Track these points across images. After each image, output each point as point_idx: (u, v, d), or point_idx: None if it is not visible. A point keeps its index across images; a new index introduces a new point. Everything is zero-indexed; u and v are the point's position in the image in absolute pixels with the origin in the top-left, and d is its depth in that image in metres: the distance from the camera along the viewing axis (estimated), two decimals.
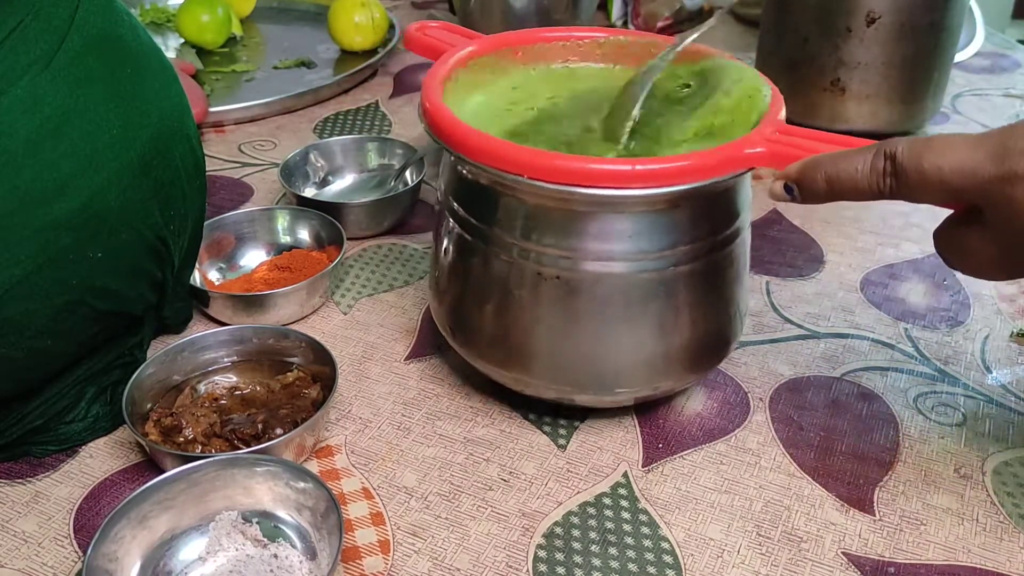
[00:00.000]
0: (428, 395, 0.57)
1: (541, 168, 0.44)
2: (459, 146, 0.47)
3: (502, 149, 0.45)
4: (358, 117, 0.93)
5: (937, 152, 0.40)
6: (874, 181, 0.42)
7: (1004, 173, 0.38)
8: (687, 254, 0.47)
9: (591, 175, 0.44)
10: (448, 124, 0.47)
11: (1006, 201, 0.39)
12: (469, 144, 0.46)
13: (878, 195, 0.42)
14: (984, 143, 0.39)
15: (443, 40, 0.58)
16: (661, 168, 0.44)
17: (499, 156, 0.45)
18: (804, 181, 0.44)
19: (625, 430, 0.54)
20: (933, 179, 0.40)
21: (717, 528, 0.48)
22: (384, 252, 0.71)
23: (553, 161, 0.44)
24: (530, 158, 0.44)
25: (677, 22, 1.14)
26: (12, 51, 0.45)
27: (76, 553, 0.47)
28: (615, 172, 0.44)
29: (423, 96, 0.50)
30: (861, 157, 0.42)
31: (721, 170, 0.45)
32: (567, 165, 0.44)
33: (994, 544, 0.47)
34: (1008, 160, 0.38)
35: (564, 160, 0.44)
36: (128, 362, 0.55)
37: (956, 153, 0.40)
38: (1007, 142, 0.39)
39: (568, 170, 0.44)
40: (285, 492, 0.47)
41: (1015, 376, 0.57)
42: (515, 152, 0.45)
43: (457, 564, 0.46)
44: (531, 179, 0.44)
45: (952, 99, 0.93)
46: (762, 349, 0.60)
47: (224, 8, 1.06)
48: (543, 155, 0.44)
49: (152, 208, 0.52)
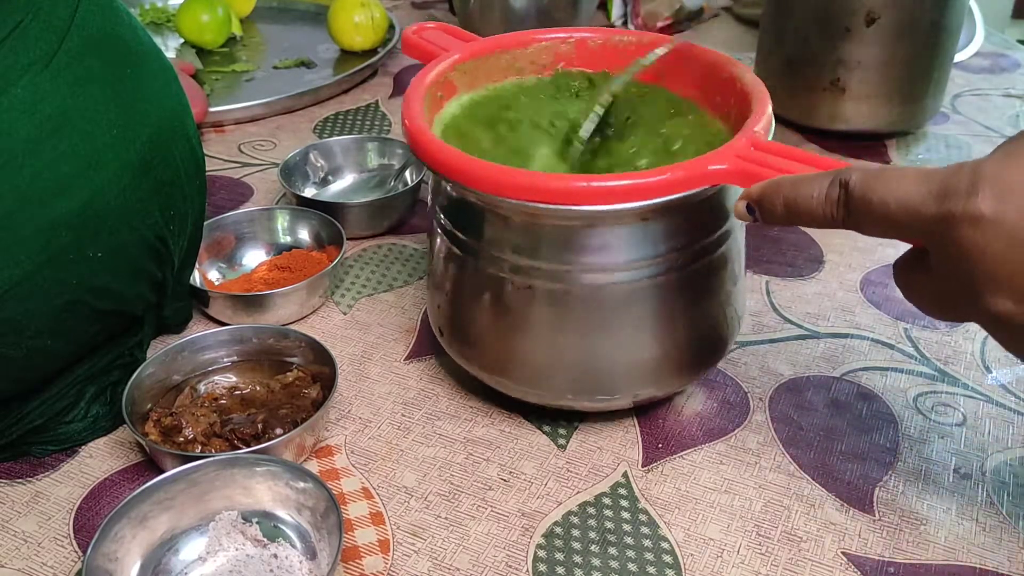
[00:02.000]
0: (428, 395, 0.57)
1: (506, 186, 0.44)
2: (437, 165, 0.47)
3: (476, 169, 0.45)
4: (358, 117, 0.93)
5: (886, 185, 0.38)
6: (828, 210, 0.40)
7: (944, 213, 0.36)
8: (673, 261, 0.47)
9: (555, 192, 0.43)
10: (425, 142, 0.47)
11: (945, 243, 0.36)
12: (447, 164, 0.46)
13: (832, 224, 0.40)
14: (931, 179, 0.37)
15: (438, 44, 0.58)
16: (623, 185, 0.43)
17: (474, 176, 0.45)
18: (764, 203, 0.42)
19: (625, 430, 0.54)
20: (879, 213, 0.38)
21: (717, 528, 0.48)
22: (384, 252, 0.71)
23: (515, 178, 0.44)
24: (497, 176, 0.44)
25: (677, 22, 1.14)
26: (12, 51, 0.45)
27: (76, 553, 0.47)
28: (577, 189, 0.43)
29: (403, 112, 0.50)
30: (819, 183, 0.40)
31: (684, 186, 0.44)
32: (528, 182, 0.44)
33: (994, 544, 0.47)
34: (948, 201, 0.36)
35: (526, 177, 0.44)
36: (128, 362, 0.55)
37: (903, 188, 0.37)
38: (950, 180, 0.36)
39: (535, 187, 0.44)
40: (285, 492, 0.47)
41: (1015, 376, 0.57)
42: (488, 171, 0.45)
43: (457, 564, 0.46)
44: (502, 197, 0.44)
45: (952, 99, 0.93)
46: (762, 349, 0.60)
47: (224, 8, 1.06)
48: (509, 172, 0.45)
49: (152, 208, 0.52)
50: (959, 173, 0.36)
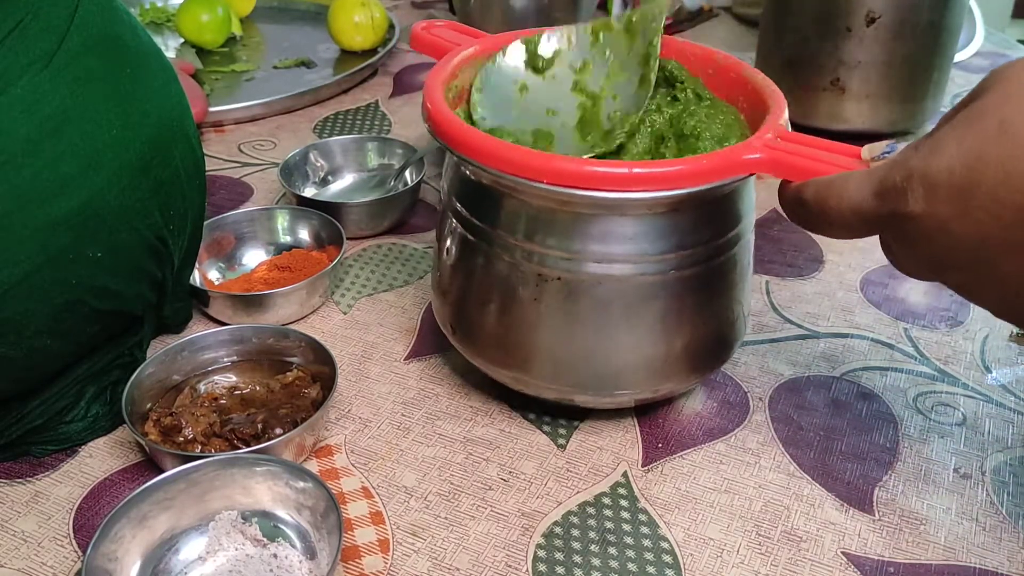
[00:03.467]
0: (428, 395, 0.57)
1: (539, 170, 0.44)
2: (460, 146, 0.47)
3: (501, 150, 0.45)
4: (358, 117, 0.93)
5: (836, 190, 0.40)
6: (794, 213, 0.43)
7: (885, 213, 0.38)
8: (689, 257, 0.47)
9: (588, 177, 0.44)
10: (449, 125, 0.47)
11: (894, 235, 0.39)
12: (470, 145, 0.46)
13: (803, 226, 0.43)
14: (872, 177, 0.39)
15: (448, 39, 0.58)
16: (659, 172, 0.44)
17: (498, 157, 0.45)
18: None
19: (625, 430, 0.54)
20: (835, 217, 0.40)
21: (716, 528, 0.48)
22: (384, 252, 0.71)
23: (551, 163, 0.44)
24: (528, 159, 0.44)
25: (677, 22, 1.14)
26: (12, 50, 0.45)
27: (76, 553, 0.47)
28: (612, 175, 0.43)
29: (425, 97, 0.50)
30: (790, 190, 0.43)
31: (719, 175, 0.44)
32: (565, 167, 0.44)
33: (994, 544, 0.47)
34: (887, 200, 0.38)
35: (562, 162, 0.44)
36: (128, 362, 0.55)
37: (850, 190, 0.39)
38: (886, 180, 0.38)
39: (566, 172, 0.44)
40: (285, 492, 0.47)
41: (1015, 376, 0.57)
42: (513, 153, 0.45)
43: (456, 564, 0.46)
44: (530, 180, 0.44)
45: (952, 99, 0.93)
46: (762, 349, 0.60)
47: (224, 8, 1.06)
48: (541, 157, 0.44)
49: (152, 208, 0.52)
50: (892, 171, 0.38)
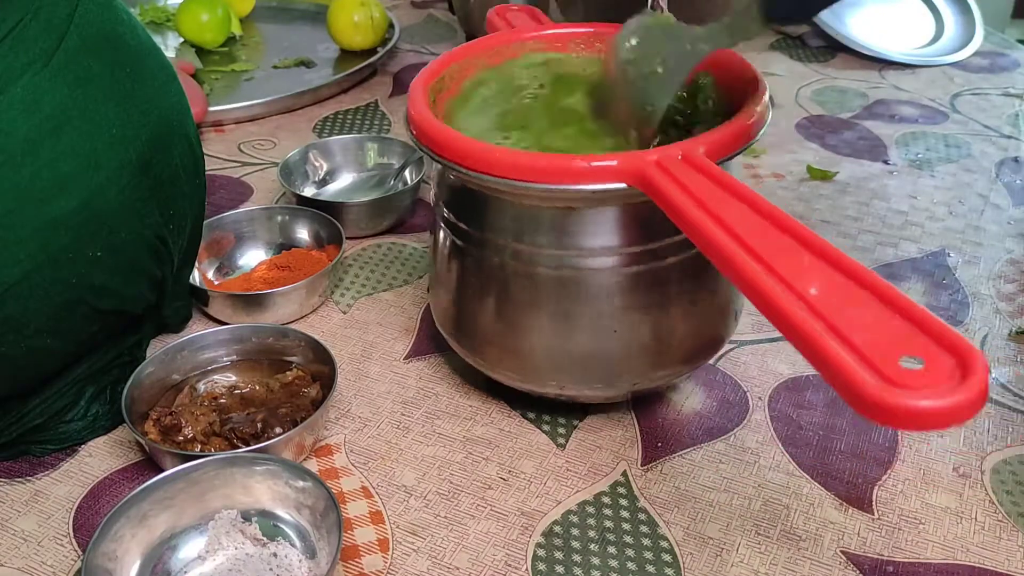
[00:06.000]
0: (427, 394, 0.57)
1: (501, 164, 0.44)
2: (440, 149, 0.47)
3: (474, 149, 0.45)
4: (357, 116, 0.93)
5: None
6: None
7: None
8: (677, 245, 0.47)
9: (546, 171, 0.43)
10: (428, 128, 0.47)
11: None
12: (449, 147, 0.46)
13: None
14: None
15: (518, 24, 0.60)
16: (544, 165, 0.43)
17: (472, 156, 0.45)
18: None
19: (624, 429, 0.54)
20: None
21: (716, 527, 0.48)
22: (383, 251, 0.71)
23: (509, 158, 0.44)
24: (499, 156, 0.44)
25: None
26: (11, 50, 0.45)
27: (76, 552, 0.47)
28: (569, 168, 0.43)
29: (408, 102, 0.50)
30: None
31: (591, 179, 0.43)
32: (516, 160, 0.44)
33: (993, 543, 0.47)
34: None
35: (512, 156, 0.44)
36: (127, 361, 0.55)
37: None
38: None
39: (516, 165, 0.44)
40: (284, 491, 0.47)
41: (1015, 376, 0.58)
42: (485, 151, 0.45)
43: (456, 563, 0.46)
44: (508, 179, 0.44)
45: (952, 98, 0.93)
46: (761, 348, 0.60)
47: (224, 7, 1.06)
48: (504, 152, 0.45)
49: (151, 207, 0.52)
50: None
